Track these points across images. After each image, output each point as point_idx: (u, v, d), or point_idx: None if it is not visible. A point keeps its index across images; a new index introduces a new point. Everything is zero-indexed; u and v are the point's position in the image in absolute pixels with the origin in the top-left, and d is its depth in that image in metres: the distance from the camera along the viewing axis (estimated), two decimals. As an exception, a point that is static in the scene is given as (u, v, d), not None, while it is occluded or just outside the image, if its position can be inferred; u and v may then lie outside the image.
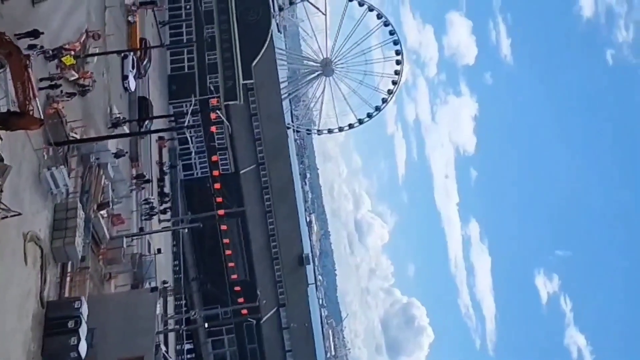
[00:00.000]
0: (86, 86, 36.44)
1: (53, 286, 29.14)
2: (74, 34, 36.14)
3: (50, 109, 30.75)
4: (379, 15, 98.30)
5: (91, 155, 35.22)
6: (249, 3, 76.55)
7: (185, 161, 67.56)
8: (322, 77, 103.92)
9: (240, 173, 72.58)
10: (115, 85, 44.47)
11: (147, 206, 49.78)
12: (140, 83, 51.58)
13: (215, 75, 69.16)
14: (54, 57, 31.44)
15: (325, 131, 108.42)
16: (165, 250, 52.74)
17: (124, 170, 42.31)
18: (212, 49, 70.34)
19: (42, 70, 30.76)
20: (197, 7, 69.79)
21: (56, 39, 32.85)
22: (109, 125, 41.35)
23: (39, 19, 30.59)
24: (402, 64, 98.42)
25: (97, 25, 40.67)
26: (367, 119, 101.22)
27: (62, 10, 34.81)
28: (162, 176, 57.67)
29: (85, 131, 35.57)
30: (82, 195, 32.93)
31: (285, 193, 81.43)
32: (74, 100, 34.46)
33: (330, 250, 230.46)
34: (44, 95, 30.66)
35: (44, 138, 29.25)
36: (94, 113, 38.80)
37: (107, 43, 42.38)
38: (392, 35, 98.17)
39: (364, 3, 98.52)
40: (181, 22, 69.34)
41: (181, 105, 63.94)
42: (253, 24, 76.11)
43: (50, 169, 28.77)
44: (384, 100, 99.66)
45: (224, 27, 72.43)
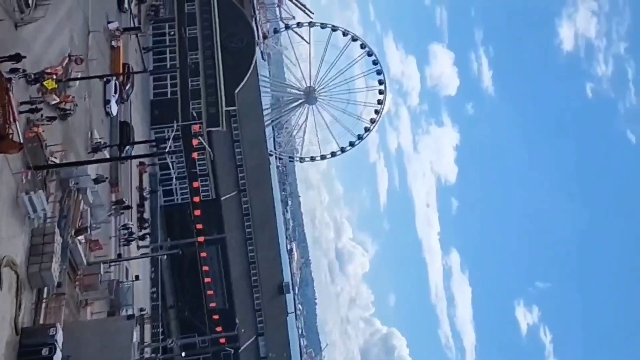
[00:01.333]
0: (67, 110, 36.14)
1: (28, 312, 28.58)
2: (56, 58, 36.00)
3: (30, 132, 30.44)
4: (362, 45, 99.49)
5: (70, 179, 34.85)
6: (233, 30, 76.99)
7: (166, 187, 67.12)
8: (305, 105, 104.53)
9: (221, 199, 72.20)
10: (96, 110, 44.22)
11: (125, 231, 49.21)
12: (122, 108, 51.36)
13: (198, 102, 69.19)
14: (36, 81, 31.22)
15: (307, 159, 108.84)
16: (143, 277, 52.05)
17: (104, 195, 41.87)
18: (195, 75, 70.44)
19: (24, 93, 30.51)
20: (181, 33, 70.01)
21: (38, 62, 32.69)
22: (89, 150, 40.98)
23: (21, 42, 30.47)
24: (384, 93, 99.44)
25: (80, 49, 40.57)
26: (350, 147, 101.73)
27: (45, 34, 34.70)
28: (142, 202, 57.17)
29: (65, 155, 35.25)
30: (60, 220, 32.50)
31: (266, 220, 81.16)
32: (55, 124, 34.16)
33: (311, 279, 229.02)
34: (24, 119, 30.35)
35: (23, 162, 28.92)
36: (75, 137, 38.49)
37: (90, 67, 42.27)
38: (375, 64, 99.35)
39: (347, 33, 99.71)
40: (165, 48, 69.43)
41: (163, 130, 63.78)
42: (237, 51, 76.50)
43: (29, 193, 28.41)
44: (367, 129, 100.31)
45: (208, 53, 72.68)
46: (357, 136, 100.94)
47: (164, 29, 70.39)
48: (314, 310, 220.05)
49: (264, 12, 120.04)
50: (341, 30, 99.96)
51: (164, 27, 70.48)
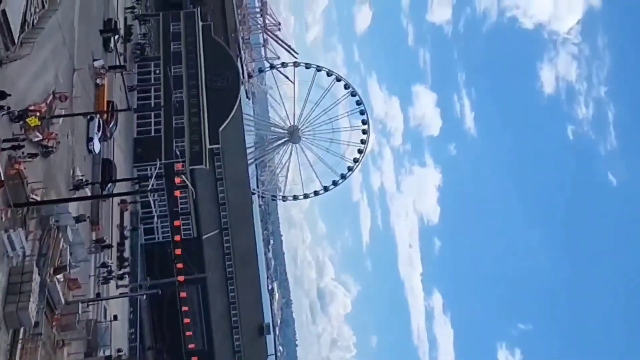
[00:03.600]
0: (50, 147, 35.98)
1: (3, 353, 27.85)
2: (40, 95, 35.92)
3: (11, 169, 30.17)
4: (346, 85, 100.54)
5: (51, 217, 34.47)
6: (218, 69, 77.51)
7: (147, 225, 66.54)
8: (289, 144, 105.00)
9: (203, 238, 71.66)
10: (79, 147, 44.00)
11: (104, 270, 48.54)
12: (106, 145, 51.20)
13: (181, 140, 69.16)
14: (19, 119, 31.11)
15: (290, 197, 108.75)
16: (121, 317, 51.15)
17: (84, 233, 41.35)
18: (179, 113, 70.56)
19: (6, 130, 30.35)
20: (166, 72, 70.33)
21: (23, 99, 32.60)
22: (70, 188, 40.65)
23: (6, 79, 30.41)
24: (368, 133, 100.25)
25: (64, 87, 40.56)
26: (333, 186, 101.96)
27: (31, 72, 34.69)
28: (122, 240, 56.51)
29: (46, 193, 34.90)
30: (39, 259, 32.02)
31: (248, 260, 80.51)
32: (36, 161, 33.92)
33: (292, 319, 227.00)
34: (6, 156, 30.13)
35: (4, 199, 28.58)
36: (56, 175, 38.19)
37: (74, 105, 42.17)
38: (358, 105, 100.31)
39: (332, 73, 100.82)
40: (150, 86, 69.65)
41: (146, 168, 63.50)
42: (222, 89, 76.90)
43: (8, 231, 28.05)
44: (350, 168, 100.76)
45: (193, 92, 72.94)
46: (340, 175, 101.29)
47: (149, 67, 70.73)
48: (295, 351, 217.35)
49: (249, 51, 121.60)
50: (325, 70, 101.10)
51: (150, 66, 70.83)
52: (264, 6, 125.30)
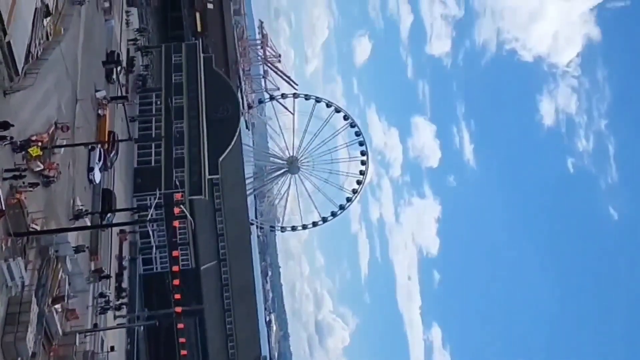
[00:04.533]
0: (51, 177, 36.18)
1: (-1, 384, 27.68)
2: (43, 126, 36.23)
3: (12, 199, 30.31)
4: (345, 116, 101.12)
5: (50, 247, 34.50)
6: (219, 100, 78.04)
7: (146, 255, 66.26)
8: (288, 175, 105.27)
9: (201, 269, 71.35)
10: (80, 177, 44.16)
11: (102, 299, 48.31)
12: (106, 175, 51.36)
13: (181, 170, 69.31)
14: (22, 149, 31.36)
15: (288, 228, 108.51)
16: (118, 348, 50.72)
17: (83, 263, 41.31)
18: (180, 144, 70.84)
19: (9, 160, 30.53)
20: (167, 102, 70.84)
21: (25, 130, 32.88)
22: (70, 217, 40.71)
23: (9, 109, 30.72)
24: (367, 164, 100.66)
25: (67, 117, 40.89)
26: (331, 217, 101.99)
27: (34, 102, 35.01)
28: (120, 270, 56.32)
29: (46, 222, 34.98)
30: (38, 289, 31.93)
31: (246, 291, 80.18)
32: (37, 191, 34.07)
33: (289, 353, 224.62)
34: (8, 185, 30.29)
35: (4, 228, 28.64)
36: (57, 204, 38.28)
37: (76, 135, 42.43)
38: (357, 136, 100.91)
39: (331, 104, 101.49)
40: (151, 116, 70.07)
41: (145, 198, 63.58)
42: (222, 120, 77.31)
43: (7, 260, 28.05)
44: (349, 199, 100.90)
45: (193, 122, 73.34)
46: (339, 206, 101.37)
47: (151, 98, 71.26)
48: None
49: (249, 83, 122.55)
50: (325, 101, 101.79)
51: (151, 97, 71.37)
52: (265, 38, 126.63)
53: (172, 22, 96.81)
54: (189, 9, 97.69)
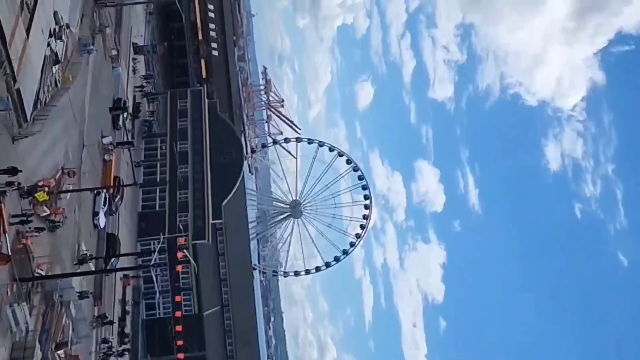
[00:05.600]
0: (56, 222, 36.40)
1: None
2: (50, 171, 36.61)
3: (18, 244, 30.46)
4: (348, 160, 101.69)
5: (55, 292, 34.47)
6: (223, 145, 78.79)
7: (149, 300, 65.98)
8: (291, 219, 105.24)
9: (204, 315, 70.92)
10: (85, 222, 44.37)
11: (105, 345, 47.94)
12: (111, 220, 51.57)
13: (185, 214, 69.50)
14: (28, 194, 31.65)
15: (291, 273, 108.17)
16: (120, 395, 50.16)
17: (86, 309, 41.16)
18: (184, 188, 71.25)
19: (15, 205, 30.79)
20: (172, 148, 71.49)
21: (32, 175, 33.23)
22: (75, 262, 40.76)
23: (17, 155, 31.11)
24: (370, 208, 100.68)
25: (73, 162, 41.33)
26: (335, 262, 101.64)
27: (41, 148, 35.47)
28: (123, 315, 56.05)
29: (51, 267, 35.04)
30: (42, 334, 31.78)
31: (248, 338, 79.56)
32: (43, 235, 34.22)
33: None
34: (14, 230, 30.46)
35: (9, 274, 28.71)
36: (62, 249, 38.40)
37: (82, 180, 42.83)
38: (361, 180, 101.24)
39: (334, 148, 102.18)
40: (156, 161, 70.61)
41: (149, 243, 63.58)
42: (226, 164, 77.93)
43: (12, 305, 28.02)
44: (352, 244, 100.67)
45: (198, 167, 73.83)
46: (343, 251, 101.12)
47: (156, 143, 71.91)
48: None
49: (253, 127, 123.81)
50: (328, 145, 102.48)
51: (156, 142, 72.03)
52: (268, 84, 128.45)
53: (178, 68, 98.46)
54: (194, 56, 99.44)
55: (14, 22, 30.67)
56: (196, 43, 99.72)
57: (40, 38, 35.66)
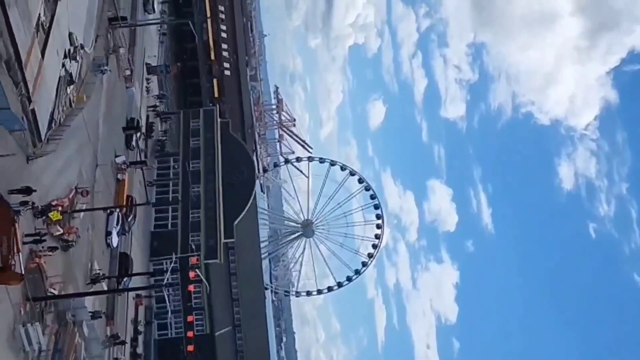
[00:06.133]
0: (70, 241, 36.49)
1: None
2: (63, 190, 36.78)
3: (32, 263, 30.53)
4: (360, 179, 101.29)
5: (67, 311, 34.42)
6: (235, 164, 78.85)
7: (161, 320, 65.68)
8: (303, 238, 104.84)
9: (215, 335, 70.58)
10: (98, 241, 44.45)
11: (117, 365, 47.79)
12: (123, 239, 51.59)
13: (197, 233, 69.47)
14: (42, 214, 31.76)
15: (303, 293, 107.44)
16: (132, 416, 49.85)
17: (99, 328, 41.09)
18: (196, 208, 71.27)
19: (29, 224, 30.89)
20: (185, 167, 71.71)
21: (46, 194, 33.36)
22: (88, 281, 40.75)
23: (32, 175, 31.28)
24: (382, 228, 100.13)
25: (87, 182, 41.51)
26: (347, 282, 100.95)
27: (55, 168, 35.67)
28: (135, 335, 55.84)
29: (64, 287, 35.05)
30: (54, 354, 31.72)
31: (260, 358, 79.02)
32: (56, 255, 34.29)
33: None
34: (27, 249, 30.52)
35: (23, 293, 28.74)
36: (75, 268, 38.42)
37: (95, 199, 42.99)
38: (372, 199, 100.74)
39: (346, 167, 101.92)
40: (168, 180, 70.80)
41: (161, 262, 63.56)
42: (238, 183, 77.89)
43: (25, 325, 28.05)
44: (364, 263, 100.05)
45: (210, 186, 73.91)
46: (355, 271, 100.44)
47: (168, 162, 72.15)
48: None
49: (264, 146, 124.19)
50: (339, 164, 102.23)
51: (169, 161, 72.28)
52: (280, 103, 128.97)
53: (191, 88, 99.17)
54: (207, 76, 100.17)
55: (29, 43, 30.98)
56: (209, 63, 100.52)
57: (55, 59, 36.01)
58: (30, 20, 31.39)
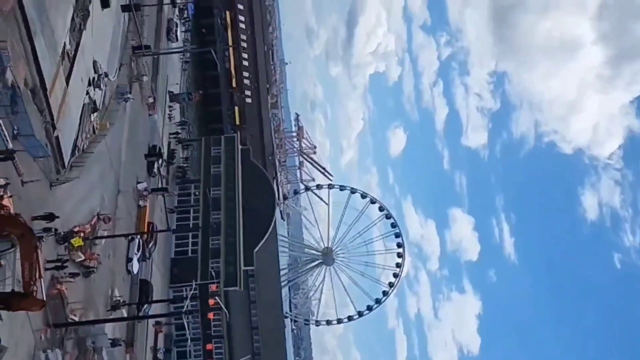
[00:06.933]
0: (91, 267, 36.53)
1: None
2: (85, 217, 36.92)
3: (53, 289, 30.55)
4: (380, 207, 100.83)
5: (87, 338, 34.29)
6: (255, 191, 78.94)
7: (180, 348, 65.37)
8: (323, 266, 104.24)
9: (235, 364, 70.14)
10: (119, 268, 44.48)
11: (135, 394, 47.42)
12: (144, 266, 51.61)
13: (217, 260, 69.33)
14: (64, 240, 31.85)
15: (323, 322, 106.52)
16: None
17: (119, 356, 40.92)
18: (216, 234, 71.25)
19: (51, 251, 30.98)
20: (205, 194, 71.91)
21: (69, 220, 33.49)
22: (108, 308, 40.68)
23: (55, 201, 31.43)
24: (403, 256, 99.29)
25: (109, 208, 41.69)
26: (367, 311, 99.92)
27: (78, 194, 35.85)
28: (154, 363, 55.56)
29: (85, 313, 34.99)
30: (73, 382, 31.56)
31: (280, 386, 78.21)
32: (78, 281, 34.33)
33: None
34: (49, 275, 30.56)
35: (44, 319, 28.70)
36: (95, 294, 38.40)
37: (116, 226, 43.09)
38: (393, 227, 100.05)
39: (366, 195, 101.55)
40: (189, 207, 70.97)
41: (181, 289, 63.38)
42: (258, 210, 77.87)
43: (46, 351, 27.93)
44: (385, 292, 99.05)
45: (230, 213, 73.92)
46: (375, 300, 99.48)
47: (189, 189, 72.45)
48: None
49: (285, 173, 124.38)
50: (360, 192, 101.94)
51: (190, 188, 72.58)
52: (301, 130, 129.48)
53: (212, 115, 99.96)
54: (229, 104, 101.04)
55: (55, 71, 31.44)
56: (230, 91, 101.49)
57: (79, 87, 36.47)
58: (56, 49, 31.89)
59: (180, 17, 79.18)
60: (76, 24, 35.58)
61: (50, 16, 30.76)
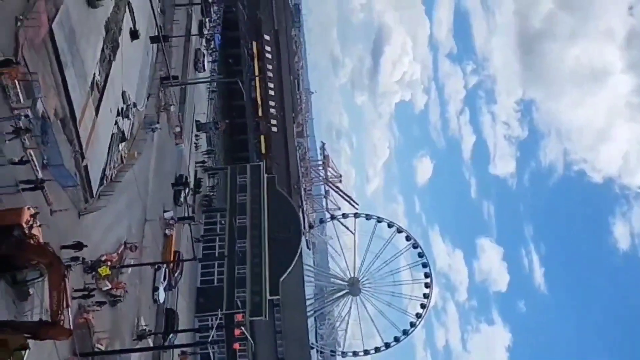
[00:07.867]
0: (118, 296, 36.58)
1: None
2: (113, 246, 37.10)
3: (80, 318, 30.54)
4: (407, 237, 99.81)
5: (113, 368, 34.19)
6: (281, 219, 78.82)
7: (206, 378, 64.99)
8: (349, 296, 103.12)
9: (261, 395, 69.42)
10: (145, 296, 44.49)
11: None
12: (170, 294, 51.57)
13: (243, 290, 69.08)
14: (92, 269, 31.94)
15: (350, 354, 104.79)
16: None
17: (144, 385, 40.71)
18: (242, 263, 71.09)
19: (79, 279, 31.06)
20: (231, 222, 71.95)
21: (96, 249, 33.63)
22: (134, 337, 40.60)
23: (82, 230, 31.63)
24: (431, 287, 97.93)
25: (136, 237, 41.85)
26: (395, 342, 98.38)
27: (105, 223, 36.07)
28: (180, 394, 55.12)
29: (111, 342, 34.93)
30: (99, 412, 31.36)
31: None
32: (104, 310, 34.33)
33: None
34: (76, 304, 30.58)
35: (71, 348, 28.65)
36: (122, 323, 38.38)
37: (143, 255, 43.19)
38: (421, 257, 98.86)
39: (393, 224, 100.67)
40: (215, 236, 71.03)
41: (207, 319, 63.12)
42: (284, 240, 77.65)
43: (72, 382, 27.80)
44: (412, 324, 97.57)
45: (256, 242, 73.78)
46: (403, 331, 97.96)
47: (215, 217, 72.58)
48: None
49: (311, 202, 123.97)
50: (386, 221, 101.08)
51: (216, 216, 72.71)
52: (326, 159, 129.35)
53: (238, 144, 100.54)
54: (254, 133, 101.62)
55: (84, 102, 31.90)
56: (256, 120, 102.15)
57: (108, 117, 36.96)
58: (86, 79, 32.40)
59: (207, 48, 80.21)
60: (106, 55, 36.20)
61: (81, 48, 31.32)
